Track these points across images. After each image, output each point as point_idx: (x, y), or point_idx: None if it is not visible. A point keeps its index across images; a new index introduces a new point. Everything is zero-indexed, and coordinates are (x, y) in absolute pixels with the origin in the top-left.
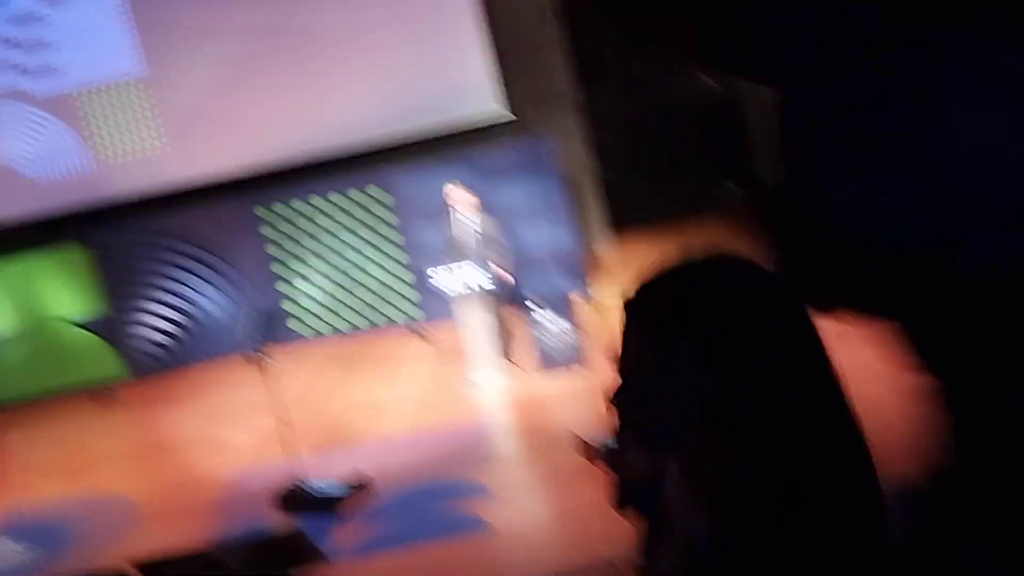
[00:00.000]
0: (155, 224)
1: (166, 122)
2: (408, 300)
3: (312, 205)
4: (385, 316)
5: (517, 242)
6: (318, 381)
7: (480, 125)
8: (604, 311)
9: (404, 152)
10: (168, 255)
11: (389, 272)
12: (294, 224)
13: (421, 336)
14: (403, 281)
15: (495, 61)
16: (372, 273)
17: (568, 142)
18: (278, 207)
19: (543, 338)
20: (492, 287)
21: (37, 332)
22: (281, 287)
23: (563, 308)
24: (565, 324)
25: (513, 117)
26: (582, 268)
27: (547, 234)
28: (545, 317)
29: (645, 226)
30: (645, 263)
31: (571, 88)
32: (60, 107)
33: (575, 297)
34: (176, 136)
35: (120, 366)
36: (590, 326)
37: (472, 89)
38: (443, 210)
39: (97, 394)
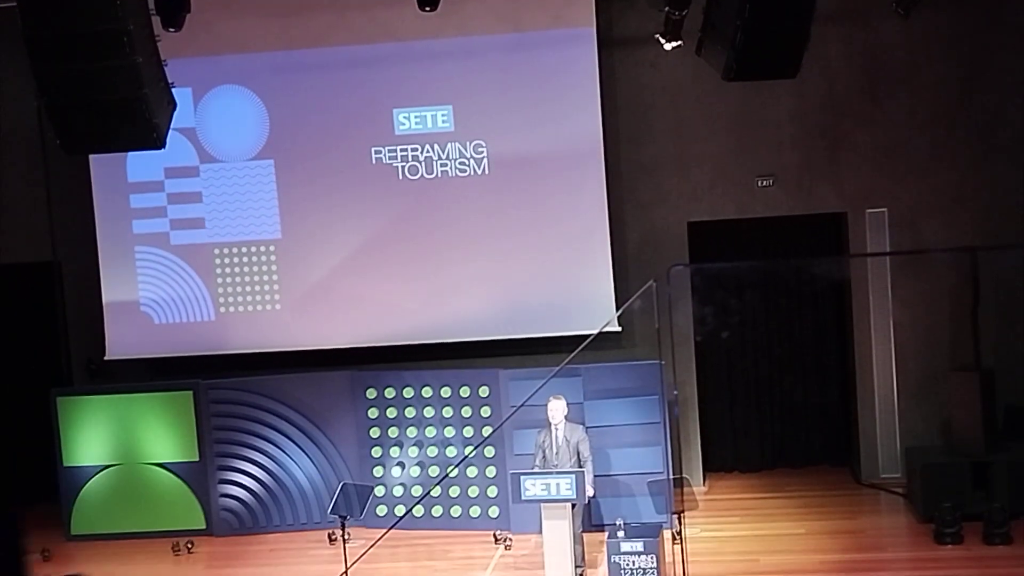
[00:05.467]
0: (263, 383)
1: (286, 286)
2: (495, 504)
3: (422, 396)
4: (471, 517)
5: (609, 463)
6: (393, 571)
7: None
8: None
9: (515, 355)
10: (270, 417)
11: (483, 474)
12: (400, 412)
13: (500, 543)
14: (493, 484)
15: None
16: (467, 473)
17: (680, 371)
18: (388, 392)
19: (620, 562)
20: (576, 502)
21: (131, 470)
22: (376, 471)
23: (646, 535)
24: (645, 552)
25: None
26: (671, 499)
27: (641, 459)
28: (626, 542)
29: (738, 471)
30: (734, 506)
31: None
32: (194, 257)
33: (659, 527)
34: (295, 301)
35: (202, 519)
36: (669, 557)
37: (593, 307)
38: (542, 418)
39: (176, 544)
